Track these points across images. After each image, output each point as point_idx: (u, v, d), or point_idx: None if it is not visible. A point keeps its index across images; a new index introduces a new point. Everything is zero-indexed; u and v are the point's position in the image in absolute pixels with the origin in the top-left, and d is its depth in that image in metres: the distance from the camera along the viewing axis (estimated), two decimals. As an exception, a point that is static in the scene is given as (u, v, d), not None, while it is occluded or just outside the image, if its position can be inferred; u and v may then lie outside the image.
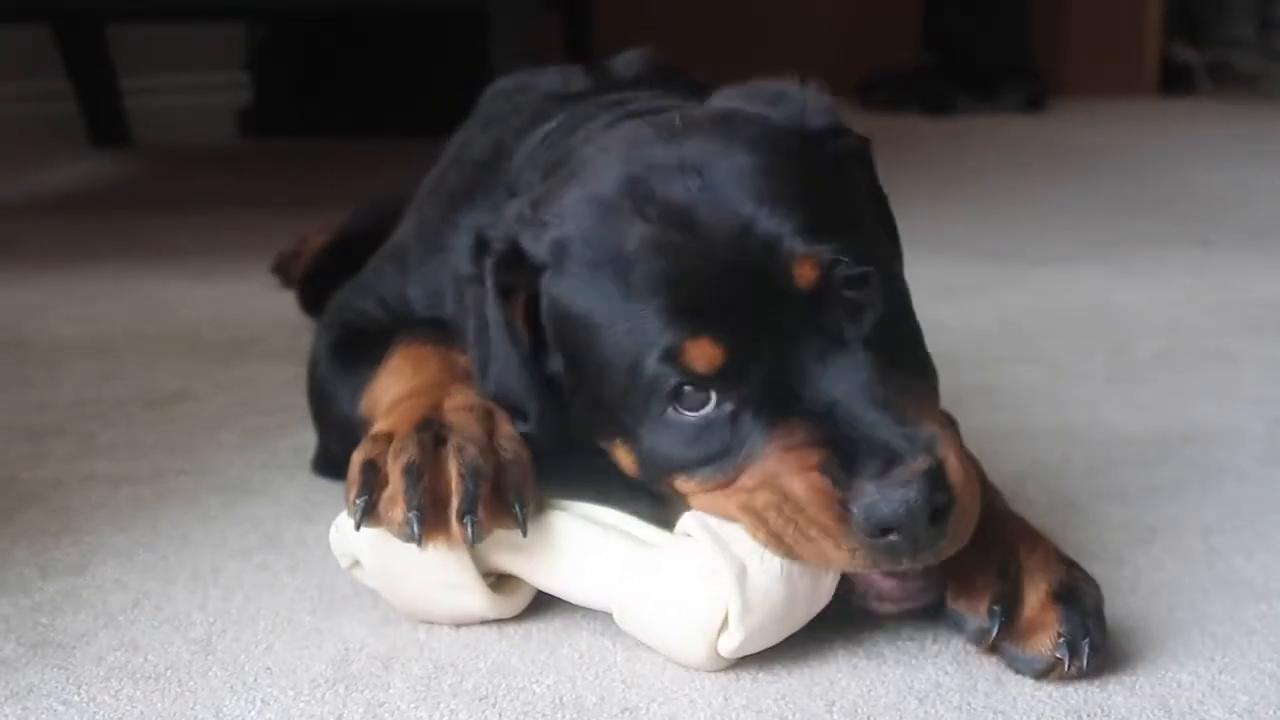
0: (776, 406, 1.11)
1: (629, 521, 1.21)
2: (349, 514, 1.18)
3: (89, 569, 1.37)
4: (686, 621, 1.12)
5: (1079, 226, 3.29)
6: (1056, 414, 1.85)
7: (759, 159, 1.18)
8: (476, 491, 1.16)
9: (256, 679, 1.15)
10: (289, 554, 1.39)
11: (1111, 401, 1.92)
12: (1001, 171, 4.17)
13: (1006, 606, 1.13)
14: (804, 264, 1.11)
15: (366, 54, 4.97)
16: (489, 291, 1.25)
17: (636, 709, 1.09)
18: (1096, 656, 1.11)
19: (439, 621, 1.23)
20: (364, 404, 1.41)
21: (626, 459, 1.22)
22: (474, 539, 1.16)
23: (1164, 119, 5.42)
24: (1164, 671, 1.14)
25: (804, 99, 1.28)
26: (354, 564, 1.24)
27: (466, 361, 1.36)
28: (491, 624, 1.23)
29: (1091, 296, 2.59)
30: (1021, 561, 1.17)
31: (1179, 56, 6.27)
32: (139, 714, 1.09)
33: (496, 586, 1.23)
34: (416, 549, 1.16)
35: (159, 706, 1.10)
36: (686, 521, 1.15)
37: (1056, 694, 1.10)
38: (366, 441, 1.23)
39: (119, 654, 1.19)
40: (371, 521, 1.17)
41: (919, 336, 1.23)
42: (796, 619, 1.13)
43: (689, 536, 1.14)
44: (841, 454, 1.07)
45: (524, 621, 1.24)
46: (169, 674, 1.15)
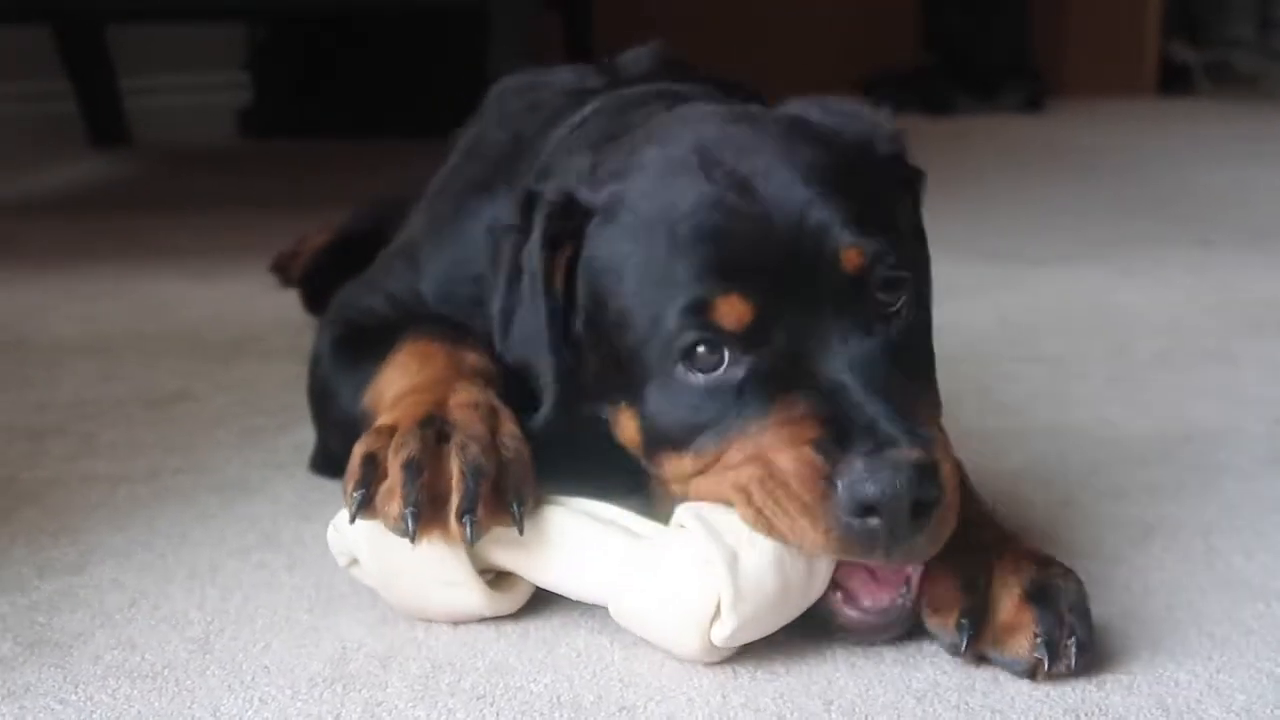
0: (785, 379, 1.12)
1: (625, 516, 1.21)
2: (346, 505, 1.18)
3: (87, 568, 1.36)
4: (680, 611, 1.12)
5: (1079, 226, 3.29)
6: (1056, 413, 1.85)
7: (824, 155, 1.21)
8: (477, 490, 1.16)
9: (254, 678, 1.14)
10: (287, 553, 1.39)
11: (1111, 401, 1.92)
12: (1001, 171, 4.17)
13: (974, 618, 1.13)
14: (851, 250, 1.14)
15: (366, 54, 4.97)
16: (535, 241, 1.25)
17: (634, 707, 1.09)
18: (1084, 653, 1.11)
19: (436, 619, 1.23)
20: (367, 399, 1.41)
21: (630, 426, 1.22)
22: (472, 538, 1.16)
23: (1163, 119, 5.42)
24: (1161, 670, 1.14)
25: (875, 121, 1.31)
26: (352, 562, 1.24)
27: (474, 359, 1.37)
28: (489, 623, 1.23)
29: (1091, 296, 2.59)
30: (990, 568, 1.16)
31: (1178, 56, 6.27)
32: (136, 713, 1.09)
33: (494, 584, 1.23)
34: (412, 545, 1.16)
35: (156, 705, 1.10)
36: (681, 513, 1.15)
37: (1054, 693, 1.10)
38: (369, 434, 1.23)
39: (116, 653, 1.19)
40: (368, 514, 1.17)
41: (933, 364, 1.25)
42: (790, 608, 1.13)
43: (683, 528, 1.14)
44: (837, 432, 1.08)
45: (521, 620, 1.24)
46: (166, 673, 1.15)
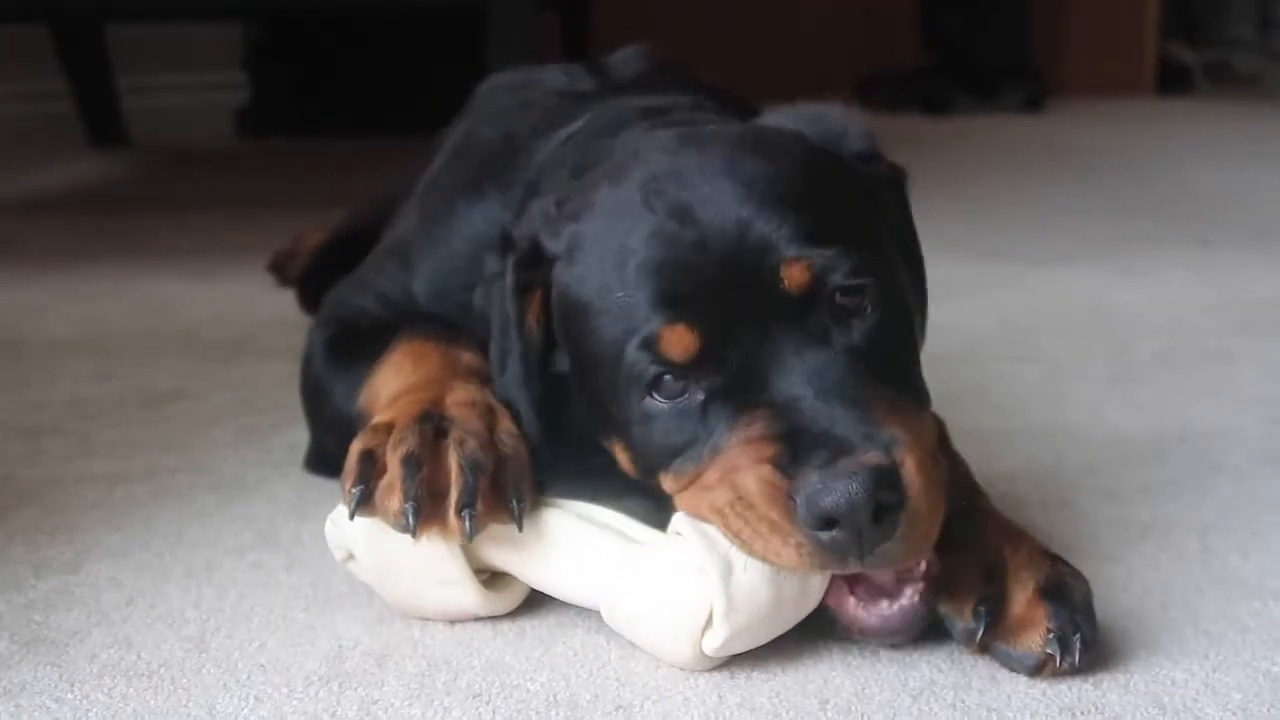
0: (744, 397, 1.11)
1: (622, 521, 1.21)
2: (345, 502, 1.18)
3: (83, 567, 1.36)
4: (672, 619, 1.12)
5: (1078, 226, 3.29)
6: (1054, 413, 1.85)
7: (775, 167, 1.19)
8: (476, 485, 1.16)
9: (250, 676, 1.14)
10: (284, 552, 1.39)
11: (1110, 401, 1.92)
12: (1000, 171, 4.17)
13: (992, 608, 1.13)
14: (793, 266, 1.12)
15: (364, 53, 4.97)
16: (507, 288, 1.27)
17: (630, 707, 1.09)
18: (1088, 652, 1.11)
19: (431, 617, 1.23)
20: (363, 399, 1.41)
21: (624, 457, 1.22)
22: (471, 533, 1.16)
23: (1163, 119, 5.42)
24: (1158, 669, 1.14)
25: (844, 122, 1.30)
26: (348, 558, 1.24)
27: (469, 359, 1.37)
28: (485, 622, 1.23)
29: (1090, 296, 2.58)
30: (1007, 560, 1.17)
31: (1177, 57, 6.27)
32: (132, 711, 1.09)
33: (489, 584, 1.23)
34: (410, 542, 1.16)
35: (152, 704, 1.10)
36: (678, 521, 1.15)
37: (1050, 691, 1.10)
38: (366, 431, 1.23)
39: (112, 651, 1.19)
40: (367, 511, 1.17)
41: (912, 361, 1.22)
42: (784, 620, 1.13)
43: (679, 535, 1.14)
44: (795, 447, 1.07)
45: (518, 619, 1.24)
46: (162, 671, 1.15)
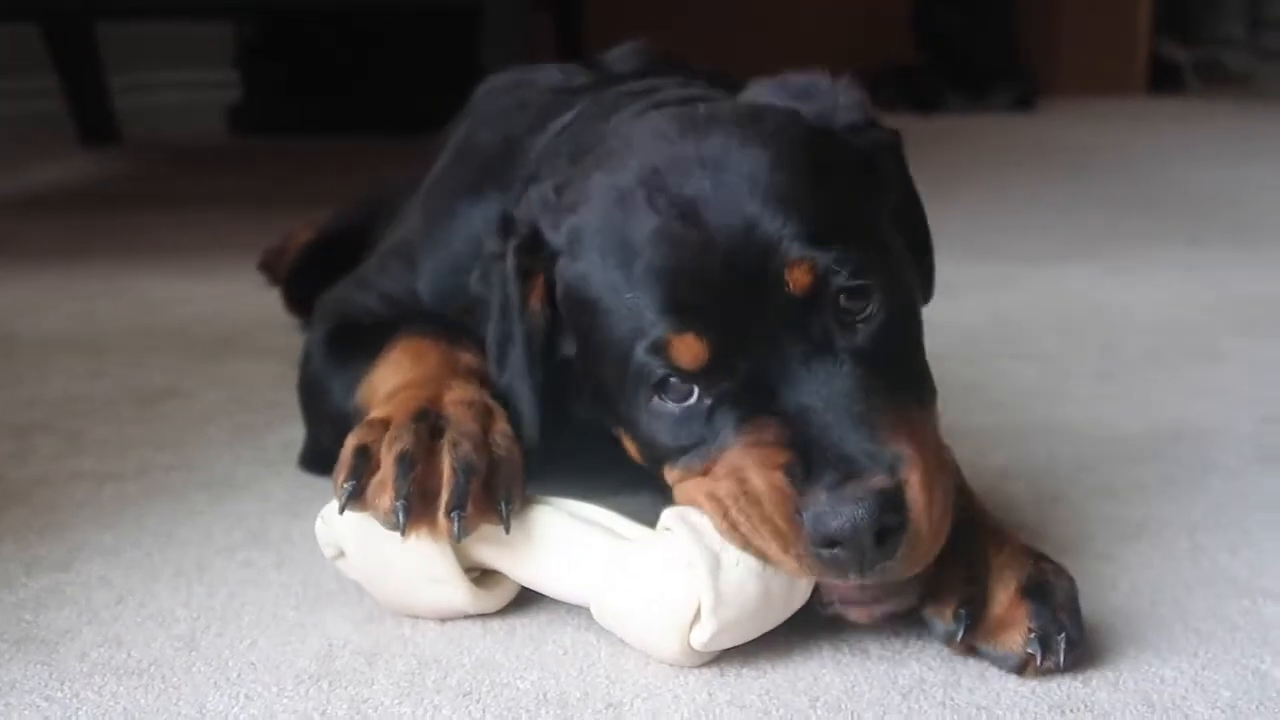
0: (752, 404, 1.11)
1: (611, 518, 1.21)
2: (336, 496, 1.18)
3: (73, 566, 1.36)
4: (660, 614, 1.12)
5: (1070, 225, 3.29)
6: (1046, 410, 1.86)
7: (776, 156, 1.17)
8: (468, 487, 1.16)
9: (240, 675, 1.14)
10: (274, 550, 1.39)
11: (1102, 398, 1.92)
12: (992, 170, 4.18)
13: (973, 609, 1.13)
14: (798, 268, 1.11)
15: (356, 52, 4.97)
16: (509, 272, 1.26)
17: (620, 704, 1.09)
18: (1073, 650, 1.11)
19: (421, 615, 1.23)
20: (360, 396, 1.41)
21: (630, 445, 1.23)
22: (460, 535, 1.16)
23: (1154, 118, 5.43)
24: (1147, 667, 1.14)
25: (835, 93, 1.28)
26: (338, 555, 1.24)
27: (468, 358, 1.37)
28: (475, 620, 1.23)
29: (1082, 294, 2.59)
30: (990, 560, 1.17)
31: (1169, 55, 6.28)
32: (122, 710, 1.09)
33: (479, 581, 1.23)
34: (400, 540, 1.16)
35: (142, 702, 1.10)
36: (667, 516, 1.15)
37: (1040, 689, 1.10)
38: (362, 427, 1.23)
39: (103, 650, 1.19)
40: (358, 506, 1.17)
41: (918, 356, 1.21)
42: (772, 616, 1.13)
43: (669, 531, 1.14)
44: (805, 460, 1.07)
45: (508, 617, 1.24)
46: (152, 670, 1.15)
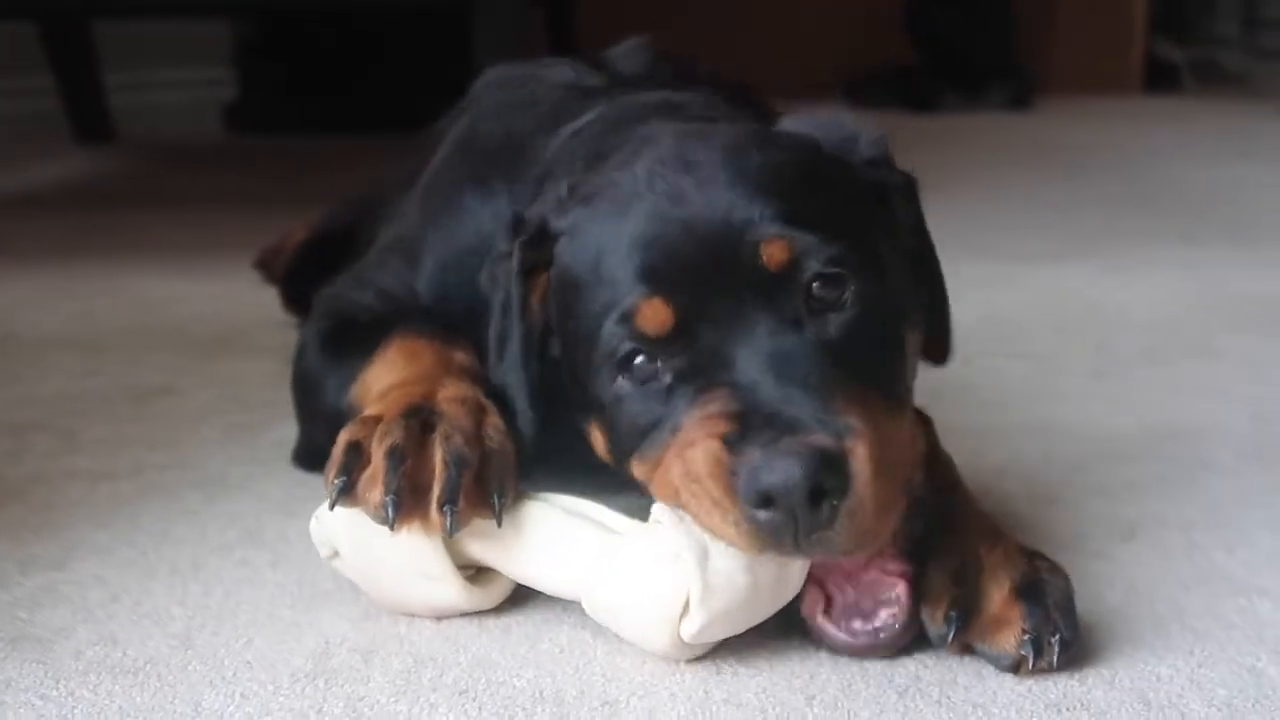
0: (708, 378, 1.11)
1: (603, 512, 1.21)
2: (327, 493, 1.18)
3: (69, 564, 1.36)
4: (650, 606, 1.12)
5: (1065, 224, 3.29)
6: (1041, 409, 1.86)
7: (773, 160, 1.21)
8: (459, 481, 1.16)
9: (236, 673, 1.14)
10: (270, 549, 1.39)
11: (1097, 397, 1.92)
12: (988, 169, 4.18)
13: (964, 611, 1.13)
14: (774, 244, 1.13)
15: (352, 50, 4.97)
16: (513, 267, 1.28)
17: (616, 702, 1.09)
18: (1067, 650, 1.11)
19: (414, 613, 1.23)
20: (354, 393, 1.41)
21: (599, 442, 1.23)
22: (452, 529, 1.16)
23: (1150, 117, 5.43)
24: (1143, 665, 1.14)
25: (857, 128, 1.30)
26: (333, 555, 1.24)
27: (463, 357, 1.37)
28: (471, 618, 1.23)
29: (1078, 293, 2.59)
30: (983, 560, 1.17)
31: (1164, 55, 6.28)
32: (117, 708, 1.09)
33: (473, 579, 1.23)
34: (391, 536, 1.16)
35: (137, 701, 1.10)
36: (656, 509, 1.15)
37: (1036, 688, 1.10)
38: (354, 423, 1.23)
39: (98, 648, 1.18)
40: (348, 502, 1.17)
41: (892, 365, 1.18)
42: (761, 607, 1.13)
43: (659, 524, 1.14)
44: (746, 425, 1.06)
45: (504, 615, 1.24)
46: (148, 668, 1.15)
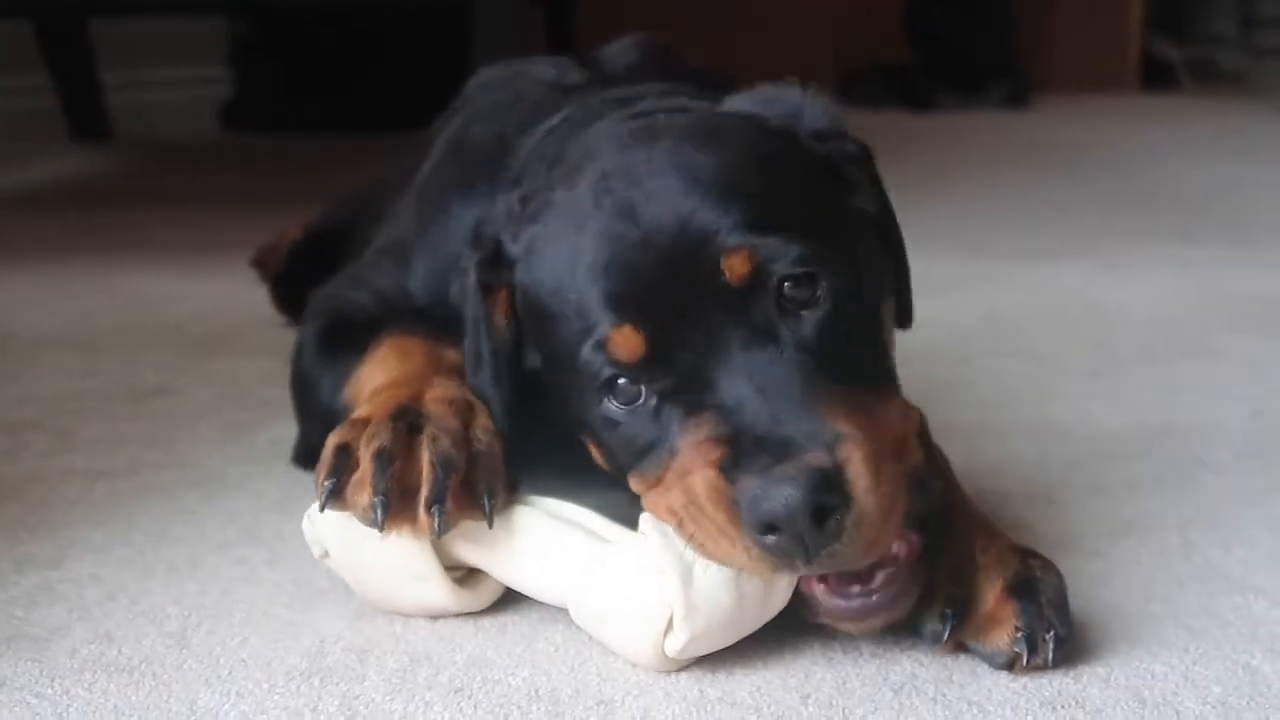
0: (693, 399, 1.10)
1: (593, 519, 1.21)
2: (316, 496, 1.18)
3: (65, 563, 1.36)
4: (634, 620, 1.12)
5: (1062, 222, 3.29)
6: (1038, 408, 1.86)
7: (722, 156, 1.17)
8: (446, 482, 1.16)
9: (231, 671, 1.14)
10: (266, 548, 1.39)
11: (1093, 396, 1.92)
12: (985, 168, 4.18)
13: (959, 610, 1.13)
14: (735, 256, 1.10)
15: (349, 49, 4.97)
16: (470, 285, 1.27)
17: (612, 701, 1.09)
18: (1061, 647, 1.11)
19: (405, 613, 1.23)
20: (347, 393, 1.41)
21: (596, 455, 1.22)
22: (440, 530, 1.16)
23: (1147, 115, 5.43)
24: (1138, 663, 1.14)
25: (802, 101, 1.28)
26: (325, 554, 1.24)
27: (454, 356, 1.37)
28: (467, 617, 1.23)
29: (1075, 292, 2.59)
30: (976, 558, 1.16)
31: (1161, 53, 6.28)
32: (113, 707, 1.09)
33: (464, 581, 1.23)
34: (380, 538, 1.16)
35: (133, 699, 1.10)
36: (644, 521, 1.15)
37: (1031, 685, 1.10)
38: (343, 426, 1.23)
39: (93, 647, 1.19)
40: (338, 505, 1.18)
41: (871, 351, 1.18)
42: (747, 622, 1.12)
43: (645, 535, 1.14)
44: (740, 450, 1.05)
45: (499, 615, 1.24)
46: (144, 667, 1.15)
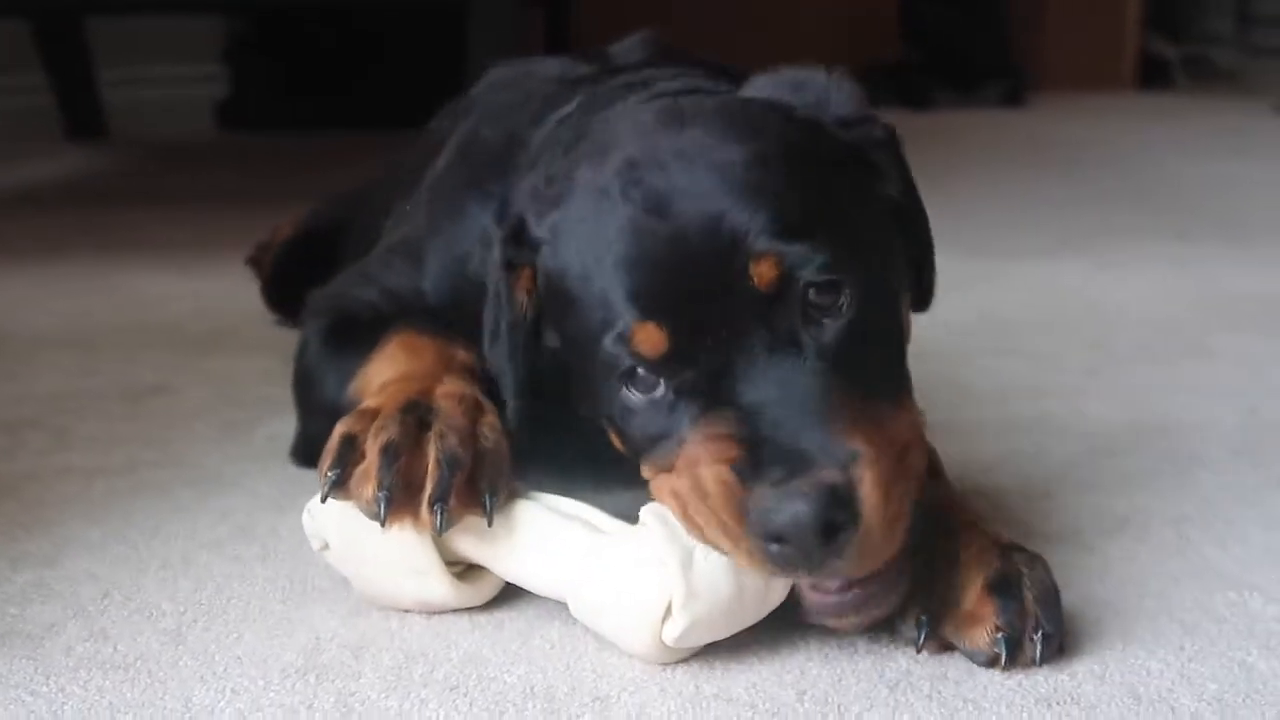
0: (712, 397, 1.10)
1: (593, 513, 1.21)
2: (320, 484, 1.18)
3: (60, 560, 1.36)
4: (632, 609, 1.12)
5: (1059, 220, 3.30)
6: (1034, 405, 1.86)
7: (753, 150, 1.16)
8: (451, 480, 1.16)
9: (226, 668, 1.14)
10: (261, 544, 1.39)
11: (1089, 393, 1.92)
12: (982, 166, 4.18)
13: (933, 616, 1.13)
14: (763, 262, 1.09)
15: (346, 47, 4.97)
16: (494, 261, 1.26)
17: (608, 698, 1.09)
18: (1050, 643, 1.11)
19: (404, 608, 1.23)
20: (354, 388, 1.40)
21: (615, 438, 1.22)
22: (442, 528, 1.16)
23: (1143, 114, 5.44)
24: (1134, 659, 1.14)
25: (828, 87, 1.26)
26: (325, 547, 1.24)
27: (464, 355, 1.37)
28: (462, 614, 1.23)
29: (1071, 290, 2.59)
30: (959, 554, 1.16)
31: (1158, 52, 6.29)
32: (108, 704, 1.09)
33: (463, 575, 1.23)
34: (381, 531, 1.16)
35: (128, 696, 1.10)
36: (644, 513, 1.15)
37: (1026, 682, 1.10)
38: (350, 416, 1.23)
39: (88, 644, 1.18)
40: (341, 495, 1.18)
41: (892, 354, 1.19)
42: (746, 614, 1.12)
43: (645, 526, 1.14)
44: (756, 455, 1.06)
45: (495, 611, 1.24)
46: (138, 664, 1.15)
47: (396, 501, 1.16)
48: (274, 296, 2.32)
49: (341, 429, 1.21)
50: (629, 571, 1.13)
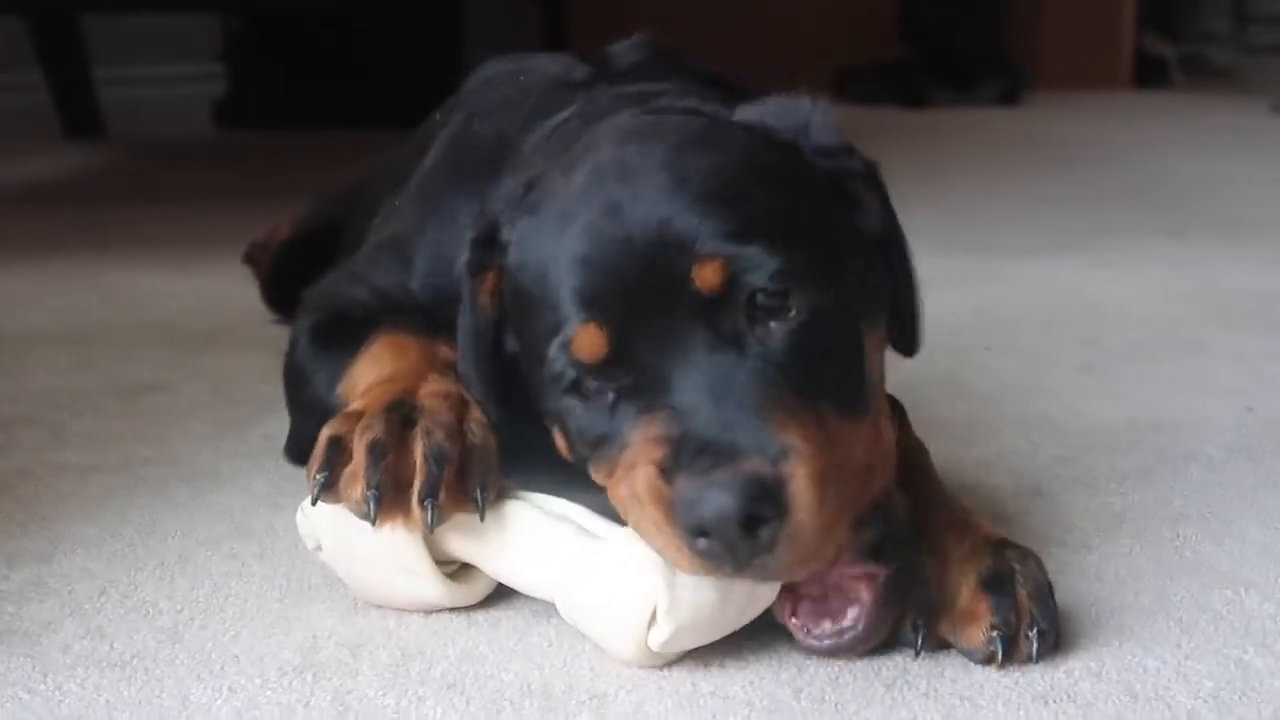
0: (649, 397, 1.09)
1: (585, 514, 1.21)
2: (309, 488, 1.18)
3: (56, 558, 1.36)
4: (618, 613, 1.11)
5: (1055, 218, 3.30)
6: (1030, 403, 1.86)
7: (717, 162, 1.16)
8: (439, 476, 1.16)
9: (223, 667, 1.14)
10: (257, 542, 1.39)
11: (1085, 391, 1.92)
12: (978, 164, 4.18)
13: (928, 619, 1.13)
14: (708, 265, 1.09)
15: (342, 45, 4.96)
16: (461, 265, 1.27)
17: (604, 696, 1.09)
18: (1045, 639, 1.11)
19: (397, 607, 1.23)
20: (341, 389, 1.41)
21: (560, 444, 1.22)
22: (433, 523, 1.16)
23: (1139, 112, 5.44)
24: (1130, 657, 1.14)
25: (810, 114, 1.26)
26: (319, 547, 1.24)
27: (448, 353, 1.37)
28: (459, 612, 1.23)
29: (1067, 287, 2.59)
30: (951, 553, 1.16)
31: (1154, 50, 6.30)
32: (105, 702, 1.09)
33: (456, 575, 1.23)
34: (372, 530, 1.16)
35: (125, 694, 1.10)
36: None
37: (1023, 680, 1.10)
38: (337, 418, 1.23)
39: (85, 642, 1.18)
40: (330, 497, 1.18)
41: (848, 369, 1.14)
42: (731, 618, 1.12)
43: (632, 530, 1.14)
44: (684, 451, 1.05)
45: (492, 609, 1.24)
46: (135, 662, 1.15)
47: (386, 500, 1.16)
48: (273, 295, 2.32)
49: (328, 432, 1.21)
50: (616, 576, 1.12)
